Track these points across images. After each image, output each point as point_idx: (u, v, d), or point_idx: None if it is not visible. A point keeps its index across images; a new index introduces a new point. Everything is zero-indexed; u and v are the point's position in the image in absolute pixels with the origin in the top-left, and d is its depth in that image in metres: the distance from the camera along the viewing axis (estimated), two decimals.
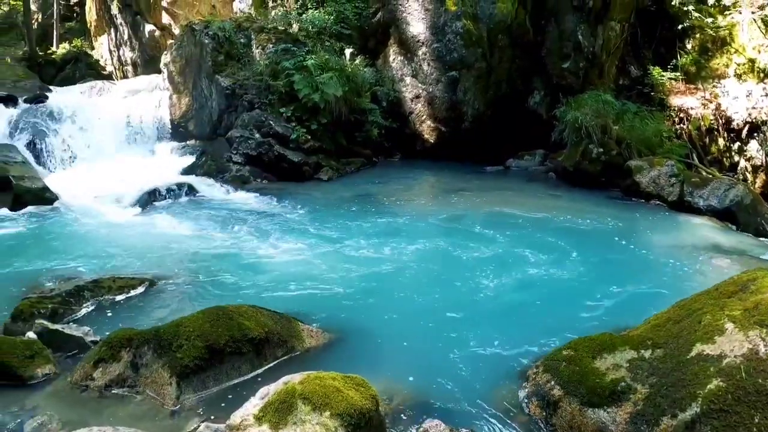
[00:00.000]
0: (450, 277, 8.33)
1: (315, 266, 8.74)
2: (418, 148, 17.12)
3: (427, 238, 9.95)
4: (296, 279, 8.21)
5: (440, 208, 12.07)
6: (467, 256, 9.05)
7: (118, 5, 27.41)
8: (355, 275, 8.33)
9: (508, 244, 9.55)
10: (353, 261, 8.94)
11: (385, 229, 10.55)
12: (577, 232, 10.39)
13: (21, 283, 8.25)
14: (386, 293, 7.73)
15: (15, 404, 5.29)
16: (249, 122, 15.46)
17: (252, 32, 17.56)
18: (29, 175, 13.33)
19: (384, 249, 9.42)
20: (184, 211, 12.16)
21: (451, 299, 7.56)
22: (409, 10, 16.70)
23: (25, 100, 18.39)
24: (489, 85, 16.41)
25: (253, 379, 5.55)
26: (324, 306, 7.25)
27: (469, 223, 10.90)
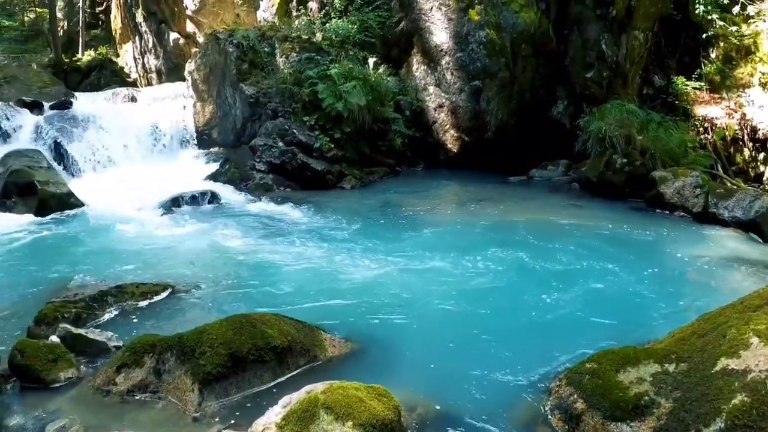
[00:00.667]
0: (472, 288, 8.27)
1: (338, 275, 8.72)
2: (441, 157, 17.07)
3: (450, 248, 9.88)
4: (319, 288, 8.20)
5: (463, 218, 12.04)
6: (489, 268, 8.99)
7: (143, 13, 27.60)
8: (378, 285, 8.30)
9: (530, 256, 9.48)
10: (376, 271, 8.91)
11: (408, 239, 10.52)
12: (600, 243, 10.29)
13: (45, 287, 8.33)
14: (409, 303, 7.68)
15: (38, 407, 5.33)
16: (272, 130, 15.50)
17: (276, 41, 17.63)
18: (54, 181, 13.45)
19: (407, 259, 9.38)
20: (208, 218, 12.20)
21: (474, 310, 7.53)
22: (432, 19, 16.70)
23: (51, 106, 18.62)
24: (512, 95, 16.36)
25: (275, 388, 5.54)
26: (346, 315, 7.22)
27: (492, 234, 10.83)
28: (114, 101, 20.16)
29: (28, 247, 10.62)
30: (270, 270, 9.03)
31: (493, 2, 15.91)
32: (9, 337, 6.68)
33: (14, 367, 5.71)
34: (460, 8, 16.22)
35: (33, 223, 12.17)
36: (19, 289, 8.47)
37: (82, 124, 17.16)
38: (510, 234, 10.74)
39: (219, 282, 8.47)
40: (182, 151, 17.42)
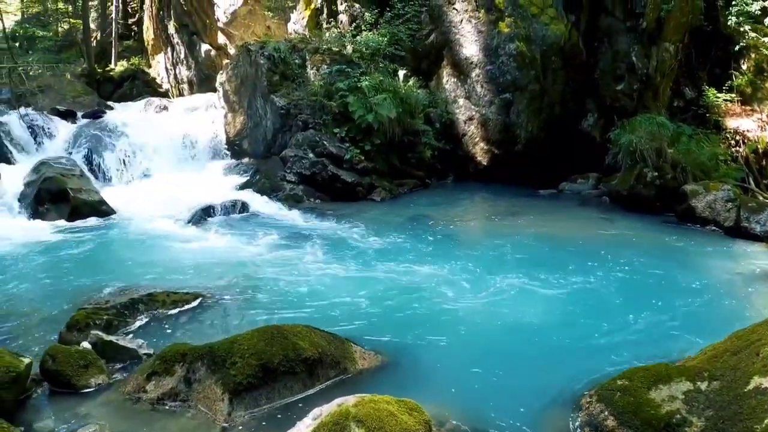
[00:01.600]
0: (501, 301, 8.24)
1: (368, 287, 8.72)
2: (470, 170, 17.06)
3: (479, 262, 9.88)
4: (349, 299, 8.21)
5: (493, 232, 12.01)
6: (519, 281, 8.95)
7: (175, 25, 27.81)
8: (408, 298, 8.30)
9: (559, 270, 9.42)
10: (406, 283, 8.91)
11: (438, 252, 10.48)
12: (631, 258, 10.19)
13: (76, 294, 8.42)
14: (438, 316, 7.67)
15: (68, 411, 5.40)
16: (303, 142, 15.56)
17: (307, 53, 17.71)
18: (87, 188, 13.60)
19: (437, 272, 9.37)
20: (238, 228, 12.25)
21: (503, 324, 7.49)
22: (462, 32, 16.73)
23: (84, 115, 18.88)
24: (542, 108, 16.33)
25: (305, 399, 5.55)
26: (376, 328, 7.22)
27: (521, 247, 10.78)
28: (146, 111, 20.34)
29: (61, 253, 10.70)
30: (299, 280, 9.03)
31: (523, 14, 15.92)
32: (41, 342, 6.78)
33: (46, 371, 5.77)
34: (490, 21, 16.25)
35: (65, 229, 12.30)
36: (50, 294, 8.58)
37: (114, 133, 17.37)
38: (540, 248, 10.70)
39: (249, 292, 8.50)
40: (213, 161, 17.53)
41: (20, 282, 9.30)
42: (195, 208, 13.20)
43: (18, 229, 12.15)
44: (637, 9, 15.85)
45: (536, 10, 15.93)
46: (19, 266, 10.01)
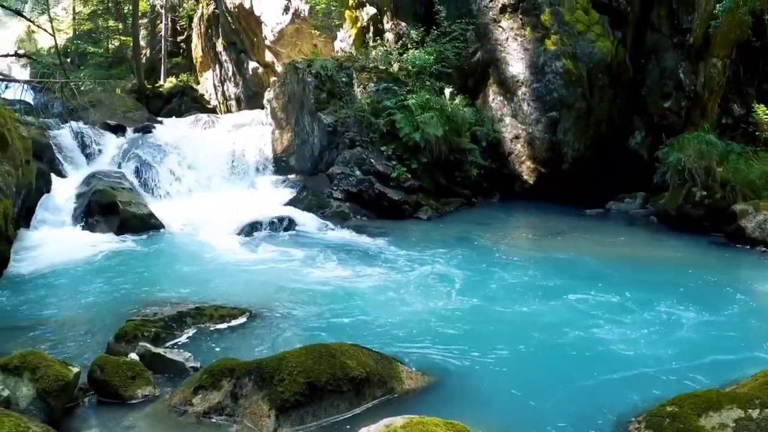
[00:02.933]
0: (550, 322, 8.12)
1: (415, 306, 8.67)
2: (516, 188, 17.01)
3: (525, 282, 9.80)
4: (395, 317, 8.15)
5: (539, 252, 11.86)
6: (566, 303, 8.84)
7: (223, 43, 28.16)
8: (455, 317, 8.21)
9: (607, 292, 9.29)
10: (453, 302, 8.84)
11: (485, 272, 10.41)
12: (678, 280, 10.01)
13: (124, 305, 8.48)
14: (486, 337, 7.58)
15: (114, 422, 5.42)
16: (350, 159, 15.62)
17: (353, 71, 17.80)
18: (135, 201, 13.78)
19: (484, 291, 9.30)
20: (285, 244, 12.28)
21: (550, 346, 7.39)
22: (509, 49, 16.70)
23: (134, 130, 19.09)
24: (589, 126, 16.22)
25: (351, 419, 5.49)
26: (422, 347, 7.15)
27: (568, 269, 10.66)
28: (195, 127, 20.56)
29: (109, 264, 10.84)
30: (346, 298, 9.01)
31: (569, 32, 15.85)
32: (89, 352, 6.82)
33: (93, 381, 5.81)
34: (536, 38, 16.20)
35: (114, 241, 12.45)
36: (99, 305, 8.66)
37: (163, 148, 17.55)
38: (587, 269, 10.57)
39: (296, 309, 8.47)
40: (260, 177, 17.60)
41: (70, 292, 9.44)
42: (242, 223, 13.28)
43: (68, 240, 12.33)
44: (683, 24, 15.73)
45: (582, 27, 15.86)
46: (69, 276, 10.15)
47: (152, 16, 35.43)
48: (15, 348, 6.88)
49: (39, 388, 5.34)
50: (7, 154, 10.22)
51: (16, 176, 10.54)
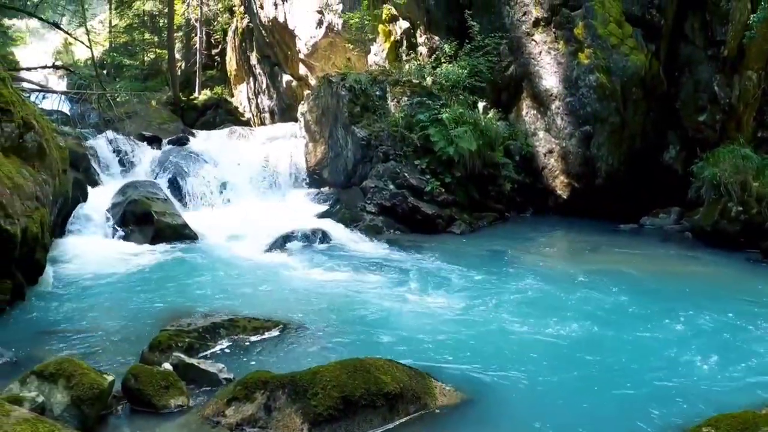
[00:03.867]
0: (583, 341, 8.02)
1: (447, 321, 8.61)
2: (550, 203, 16.94)
3: (560, 299, 9.69)
4: (428, 333, 8.09)
5: (573, 268, 11.68)
6: (601, 321, 8.72)
7: (257, 56, 28.36)
8: (489, 333, 8.15)
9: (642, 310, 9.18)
10: (487, 318, 8.77)
11: (520, 287, 10.30)
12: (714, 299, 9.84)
13: (158, 315, 8.56)
14: (519, 354, 7.49)
15: (146, 431, 5.48)
16: (384, 173, 15.63)
17: (387, 85, 17.83)
18: (170, 212, 13.89)
19: (519, 307, 9.21)
20: (318, 257, 12.26)
21: (585, 365, 7.30)
22: (542, 63, 16.64)
23: (169, 141, 19.35)
24: (622, 140, 16.06)
25: None
26: (456, 363, 7.10)
27: (603, 286, 10.46)
28: (229, 139, 20.71)
29: (144, 274, 10.93)
30: (379, 312, 8.98)
31: (602, 45, 15.71)
32: (123, 360, 6.88)
33: (127, 390, 5.85)
34: (569, 52, 16.11)
35: (148, 251, 12.54)
36: (132, 313, 8.73)
37: (198, 159, 17.76)
38: (621, 287, 10.35)
39: (329, 322, 8.45)
40: (293, 190, 17.75)
41: (105, 300, 9.53)
42: (276, 235, 13.28)
43: (103, 249, 12.46)
44: (717, 36, 15.53)
45: (616, 40, 15.71)
46: (104, 285, 10.26)
47: (187, 29, 35.72)
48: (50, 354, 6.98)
49: (74, 396, 5.39)
50: (44, 164, 10.34)
51: (53, 185, 10.65)
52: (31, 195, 9.46)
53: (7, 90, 9.88)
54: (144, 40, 37.48)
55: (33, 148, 10.03)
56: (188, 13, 35.06)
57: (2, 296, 8.51)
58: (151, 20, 38.02)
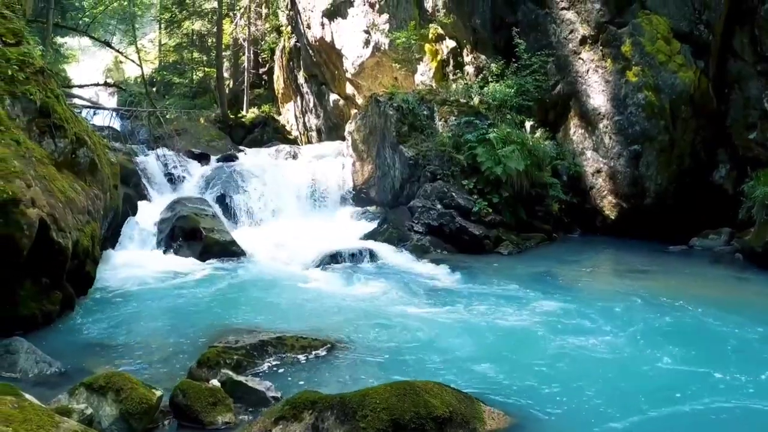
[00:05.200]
0: (632, 363, 7.87)
1: (495, 342, 8.54)
2: (598, 224, 16.74)
3: (609, 322, 9.47)
4: (476, 355, 8.01)
5: (622, 291, 11.45)
6: (650, 346, 8.50)
7: (304, 75, 28.56)
8: (537, 356, 8.01)
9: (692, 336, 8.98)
10: (536, 341, 8.64)
11: (567, 310, 10.09)
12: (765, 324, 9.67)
13: (206, 330, 8.59)
14: (568, 378, 7.34)
15: None
16: (431, 193, 15.60)
17: (434, 104, 17.87)
18: (218, 228, 14.05)
19: (564, 329, 9.06)
20: (365, 277, 12.21)
21: (635, 390, 7.13)
22: (589, 82, 16.52)
23: (218, 158, 19.55)
24: (672, 159, 15.81)
25: None
26: (504, 386, 7.00)
27: (652, 310, 10.21)
28: (276, 157, 20.89)
29: (191, 289, 11.04)
30: (427, 333, 8.87)
31: (650, 62, 15.55)
32: (171, 375, 6.94)
33: (175, 405, 5.88)
34: (617, 70, 15.98)
35: (196, 266, 12.72)
36: (180, 328, 8.80)
37: (246, 177, 17.91)
38: (670, 310, 10.12)
39: (376, 342, 8.40)
40: (340, 208, 17.85)
41: (152, 314, 9.68)
42: (322, 253, 13.32)
43: (152, 263, 12.67)
44: (767, 52, 15.29)
45: (664, 57, 15.54)
46: (153, 299, 10.40)
47: (235, 48, 36.18)
48: (97, 366, 7.08)
49: (122, 410, 5.44)
50: (96, 179, 10.51)
51: (104, 200, 10.83)
52: (83, 209, 9.62)
53: (61, 107, 10.08)
54: (193, 59, 38.07)
55: (85, 164, 10.21)
56: (236, 33, 35.52)
57: (52, 307, 8.66)
58: (199, 40, 38.60)
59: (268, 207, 17.06)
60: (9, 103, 9.17)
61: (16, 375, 6.75)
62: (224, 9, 33.51)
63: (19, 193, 7.87)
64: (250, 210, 16.73)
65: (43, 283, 8.52)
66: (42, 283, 8.51)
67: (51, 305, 8.63)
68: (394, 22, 21.79)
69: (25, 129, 9.31)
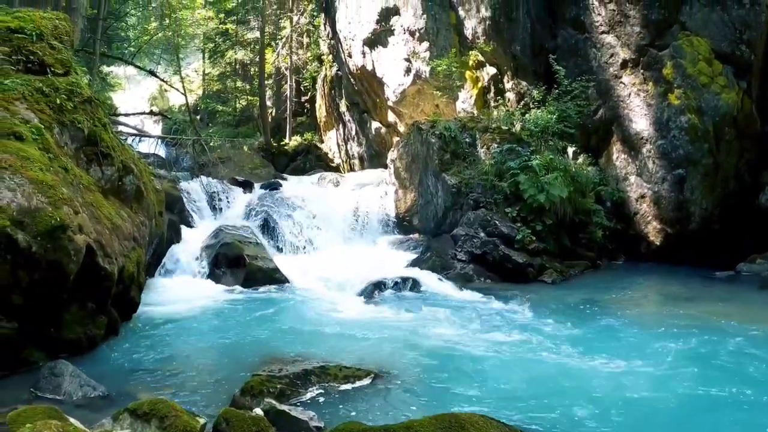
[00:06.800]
0: (680, 398, 7.65)
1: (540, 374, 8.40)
2: (642, 250, 16.50)
3: (656, 352, 9.30)
4: (521, 386, 7.94)
5: (668, 320, 11.16)
6: (699, 378, 8.25)
7: (346, 104, 28.70)
8: (583, 389, 7.86)
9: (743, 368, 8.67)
10: (581, 373, 8.48)
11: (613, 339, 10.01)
12: None
13: (248, 357, 8.66)
14: (618, 409, 7.21)
15: None
16: (474, 221, 15.55)
17: (476, 132, 17.89)
18: (262, 256, 14.14)
19: (612, 360, 8.88)
20: (409, 306, 12.11)
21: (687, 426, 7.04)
22: (631, 106, 16.38)
23: (261, 186, 19.77)
24: (716, 183, 15.57)
25: None
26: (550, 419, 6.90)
27: (699, 338, 9.95)
28: (319, 185, 21.04)
29: (234, 315, 11.13)
30: (472, 363, 8.80)
31: (692, 84, 15.35)
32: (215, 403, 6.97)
33: None
34: (658, 93, 15.81)
35: (239, 293, 12.82)
36: (223, 355, 8.92)
37: (289, 204, 18.05)
38: (720, 340, 9.83)
39: (421, 372, 8.35)
40: (383, 236, 17.82)
41: (195, 340, 9.75)
42: (366, 282, 13.30)
43: (196, 290, 12.83)
44: None
45: (706, 79, 15.34)
46: (197, 325, 10.50)
47: (278, 77, 36.46)
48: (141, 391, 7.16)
49: None
50: (142, 206, 10.69)
51: (149, 226, 11.01)
52: (128, 235, 9.77)
53: (108, 135, 10.27)
54: (236, 87, 38.50)
55: (132, 191, 10.39)
56: (278, 62, 35.84)
57: (97, 331, 8.80)
58: (242, 69, 39.05)
59: (311, 234, 17.08)
60: (58, 131, 9.37)
61: (60, 397, 6.85)
62: (266, 39, 33.92)
63: (66, 219, 8.01)
64: (293, 237, 16.78)
65: (88, 308, 8.66)
66: (88, 308, 8.65)
67: (96, 329, 8.77)
68: (435, 50, 21.84)
69: (73, 157, 9.51)
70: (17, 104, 8.98)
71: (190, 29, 37.59)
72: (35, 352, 7.95)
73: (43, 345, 8.06)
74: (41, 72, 9.81)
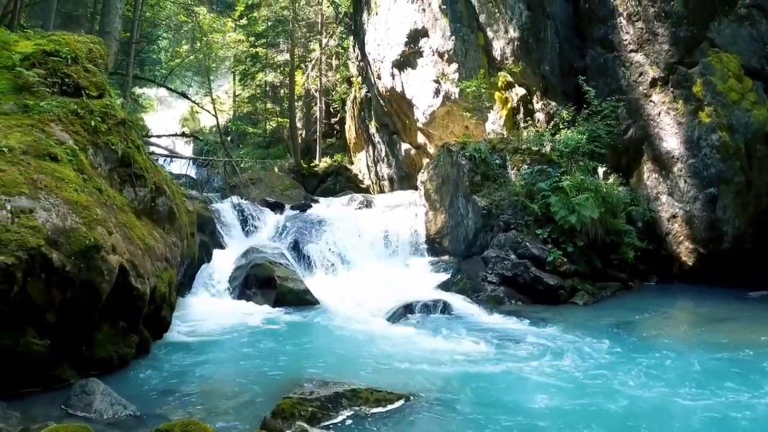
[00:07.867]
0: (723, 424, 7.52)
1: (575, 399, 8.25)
2: (675, 271, 16.33)
3: (692, 374, 9.23)
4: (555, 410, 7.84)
5: (703, 343, 11.04)
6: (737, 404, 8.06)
7: (375, 125, 28.80)
8: (622, 414, 7.76)
9: None
10: (616, 395, 8.36)
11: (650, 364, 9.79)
12: None
13: (278, 379, 8.67)
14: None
15: None
16: (505, 243, 15.50)
17: (506, 153, 17.87)
18: (292, 277, 14.21)
19: (647, 383, 8.79)
20: (439, 328, 11.98)
21: None
22: (661, 125, 16.27)
23: (292, 207, 19.88)
24: (749, 201, 15.37)
25: None
26: None
27: (740, 363, 9.81)
28: (349, 206, 21.10)
29: (264, 336, 11.13)
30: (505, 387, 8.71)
31: (723, 102, 15.23)
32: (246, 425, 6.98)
33: None
34: (689, 111, 15.70)
35: (270, 314, 12.81)
36: (254, 376, 8.86)
37: (319, 225, 18.10)
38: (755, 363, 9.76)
39: (452, 396, 8.28)
40: (412, 258, 17.79)
41: (226, 361, 9.82)
42: (396, 304, 13.24)
43: (226, 310, 12.91)
44: None
45: (736, 96, 15.22)
46: (227, 346, 10.55)
47: (307, 99, 36.73)
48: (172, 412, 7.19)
49: None
50: (174, 227, 10.78)
51: (181, 247, 11.09)
52: (161, 256, 9.86)
53: (141, 157, 10.39)
54: (266, 109, 38.81)
55: (164, 212, 10.49)
56: (308, 84, 36.10)
57: (128, 350, 8.89)
58: (272, 91, 39.36)
59: (341, 256, 17.08)
60: (92, 152, 9.50)
61: (91, 415, 6.92)
62: (296, 61, 34.19)
63: (100, 239, 8.11)
64: (323, 259, 16.76)
65: (120, 327, 8.77)
66: (119, 327, 8.76)
67: (127, 348, 8.86)
68: (463, 71, 21.87)
69: (106, 178, 9.63)
70: (53, 126, 9.12)
71: (220, 52, 37.90)
72: (67, 369, 8.02)
73: (75, 363, 8.14)
74: (76, 94, 9.95)
